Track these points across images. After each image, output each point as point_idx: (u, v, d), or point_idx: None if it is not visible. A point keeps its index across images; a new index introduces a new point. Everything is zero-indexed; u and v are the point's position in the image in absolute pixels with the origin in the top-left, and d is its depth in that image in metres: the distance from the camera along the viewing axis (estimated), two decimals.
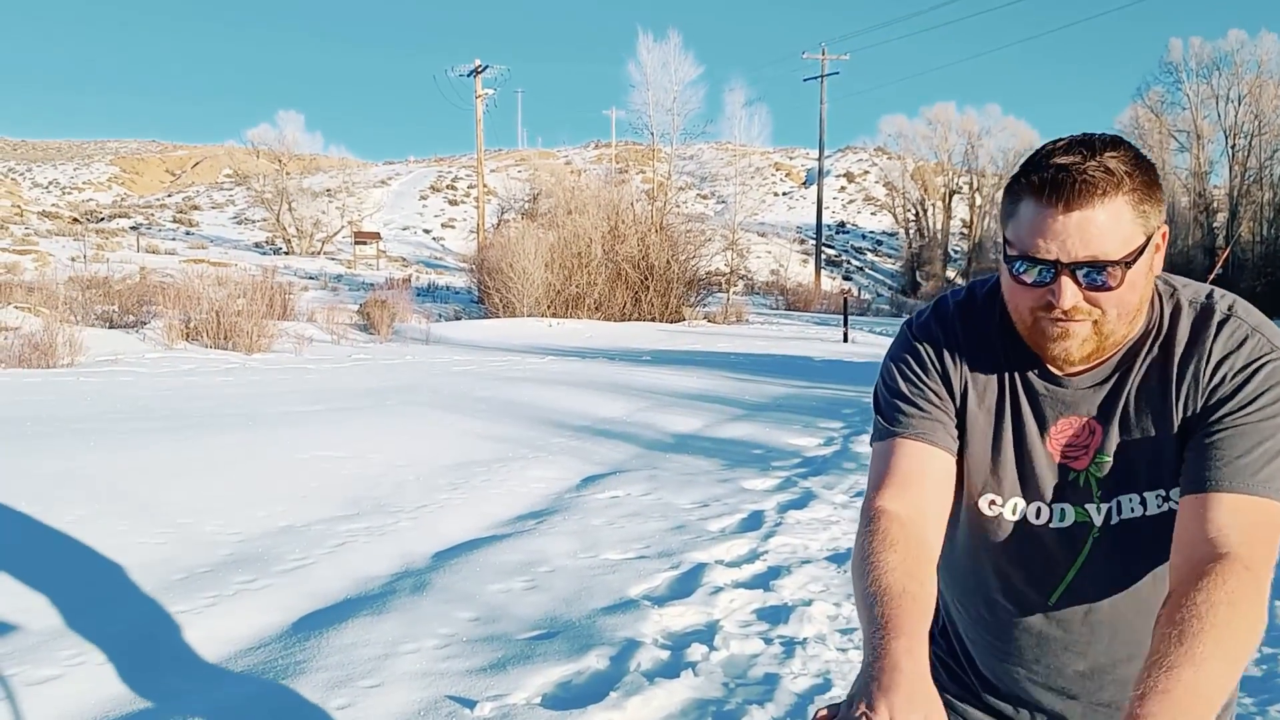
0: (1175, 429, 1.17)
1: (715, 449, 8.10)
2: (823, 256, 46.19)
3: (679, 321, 27.88)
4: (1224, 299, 1.20)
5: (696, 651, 3.59)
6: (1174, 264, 38.21)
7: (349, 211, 44.65)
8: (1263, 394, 1.12)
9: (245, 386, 11.30)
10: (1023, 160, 1.16)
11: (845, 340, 22.18)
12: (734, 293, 35.47)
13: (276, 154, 42.74)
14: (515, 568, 4.57)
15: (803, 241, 53.44)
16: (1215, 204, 41.87)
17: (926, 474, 1.22)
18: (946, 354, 1.25)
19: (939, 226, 51.57)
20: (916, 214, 52.03)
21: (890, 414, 1.26)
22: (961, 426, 1.25)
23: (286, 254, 40.53)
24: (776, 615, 4.05)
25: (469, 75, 38.68)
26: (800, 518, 5.68)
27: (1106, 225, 1.07)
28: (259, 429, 7.93)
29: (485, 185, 41.01)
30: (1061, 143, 1.11)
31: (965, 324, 1.26)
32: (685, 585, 4.41)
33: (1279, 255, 38.89)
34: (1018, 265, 1.12)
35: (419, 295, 29.99)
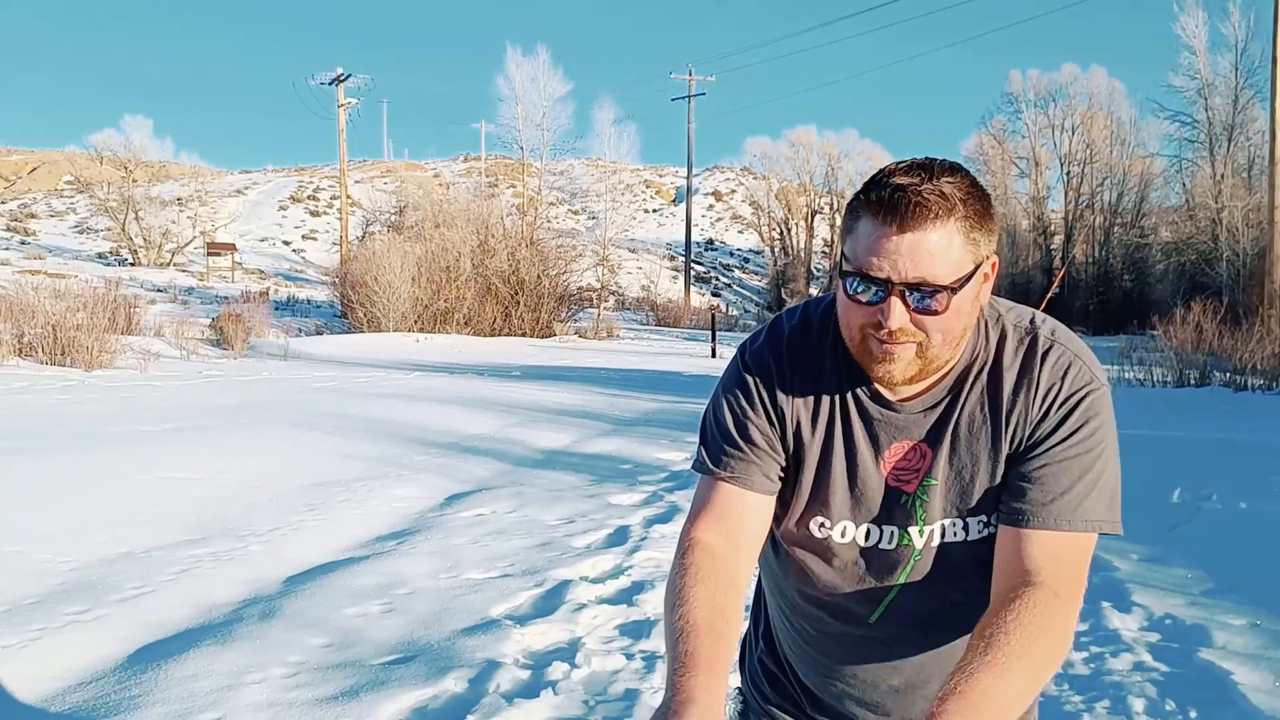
0: (1002, 458, 1.20)
1: (583, 464, 8.07)
2: (692, 273, 46.90)
3: (550, 337, 27.78)
4: (1046, 324, 1.24)
5: (558, 670, 3.55)
6: (1014, 283, 40.48)
7: (202, 221, 42.68)
8: (1081, 427, 1.17)
9: (84, 405, 10.61)
10: (866, 179, 1.18)
11: (713, 355, 22.55)
12: (605, 308, 35.60)
13: (122, 160, 40.46)
14: (372, 590, 4.42)
15: (673, 258, 54.15)
16: (1052, 227, 44.58)
17: (743, 512, 1.23)
18: (777, 384, 1.25)
19: (802, 245, 53.11)
20: (781, 233, 53.46)
21: (714, 452, 1.26)
22: (796, 453, 1.25)
23: (133, 265, 38.41)
24: (639, 630, 4.04)
25: (331, 84, 37.65)
26: (666, 531, 5.71)
27: (938, 248, 1.09)
28: (97, 450, 7.45)
29: (349, 197, 39.95)
30: (903, 164, 1.14)
31: (801, 351, 1.26)
32: (549, 603, 4.36)
33: (1109, 276, 41.70)
34: (851, 282, 1.14)
35: (278, 309, 28.91)
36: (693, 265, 47.84)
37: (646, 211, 67.09)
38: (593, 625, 4.10)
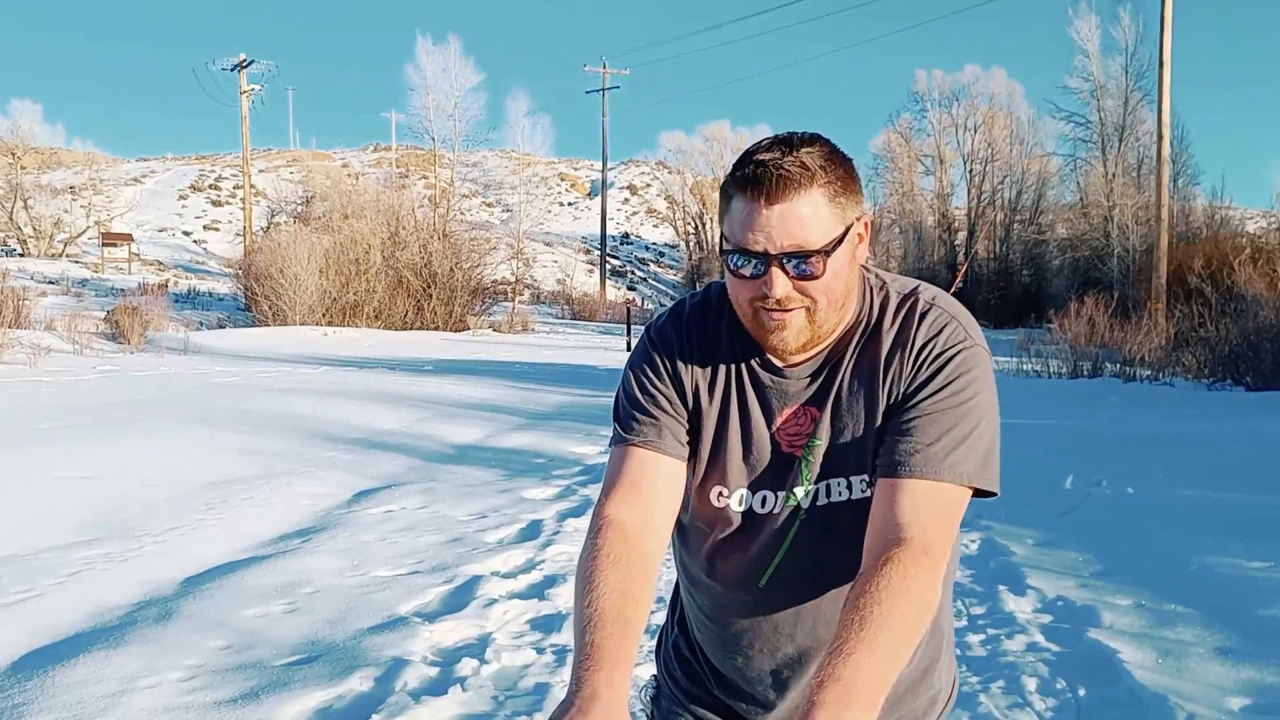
0: (879, 416, 1.24)
1: (496, 459, 8.01)
2: (608, 267, 46.92)
3: (463, 330, 27.46)
4: (928, 291, 1.30)
5: (467, 666, 3.51)
6: (921, 278, 41.73)
7: (96, 210, 40.92)
8: (952, 381, 1.22)
9: None
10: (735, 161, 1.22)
11: (629, 349, 22.63)
12: (520, 302, 35.36)
13: (9, 146, 38.53)
14: (275, 590, 4.31)
15: (588, 252, 54.07)
16: (956, 224, 45.91)
17: (656, 480, 1.25)
18: (680, 358, 1.29)
19: (717, 239, 53.63)
20: (696, 227, 53.86)
21: (625, 421, 1.29)
22: (695, 425, 1.29)
23: (21, 255, 36.64)
24: (551, 624, 4.03)
25: (233, 70, 36.47)
26: (579, 525, 5.70)
27: (806, 216, 1.14)
28: None
29: (253, 186, 38.81)
30: (765, 141, 1.19)
31: (699, 325, 1.31)
32: (459, 599, 4.32)
33: (1009, 271, 43.15)
34: (733, 259, 1.18)
35: (177, 302, 27.95)
36: (608, 259, 47.87)
37: (561, 205, 66.83)
38: (503, 620, 4.08)
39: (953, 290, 17.41)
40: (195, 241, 49.14)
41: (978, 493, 1.21)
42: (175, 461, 7.15)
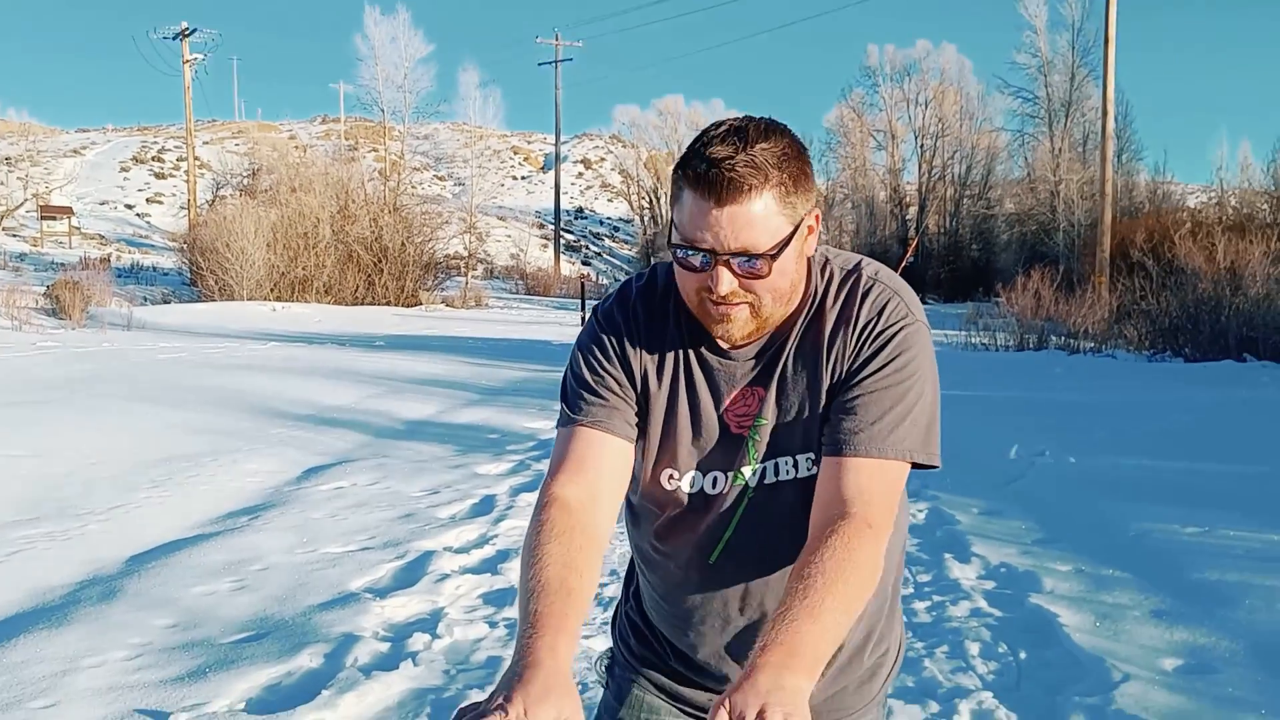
0: (823, 394, 1.26)
1: (449, 435, 7.97)
2: (562, 242, 46.69)
3: (416, 306, 27.18)
4: (870, 266, 1.31)
5: (418, 641, 3.51)
6: (873, 252, 41.80)
7: (34, 183, 39.78)
8: (895, 358, 1.23)
9: None
10: (690, 141, 1.20)
11: (583, 324, 22.50)
12: (473, 277, 35.09)
13: None
14: (222, 568, 4.26)
15: (542, 226, 53.75)
16: (908, 199, 46.35)
17: (603, 460, 1.26)
18: (628, 340, 1.30)
19: (672, 214, 53.62)
20: (650, 201, 53.72)
21: (573, 401, 1.29)
22: (643, 408, 1.30)
23: None
24: (503, 598, 4.04)
25: (175, 39, 35.52)
26: (532, 500, 5.66)
27: (755, 219, 1.13)
28: None
29: (197, 158, 37.94)
30: (720, 130, 1.16)
31: (646, 308, 1.31)
32: (410, 575, 4.31)
33: (959, 246, 43.69)
34: (681, 252, 1.18)
35: (120, 276, 27.32)
36: (562, 234, 47.62)
37: (515, 178, 66.27)
38: (456, 595, 4.08)
39: (903, 264, 17.64)
40: (138, 215, 47.98)
41: (920, 465, 1.24)
42: (119, 439, 7.02)
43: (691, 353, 1.28)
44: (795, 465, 1.27)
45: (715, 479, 1.29)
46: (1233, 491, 5.83)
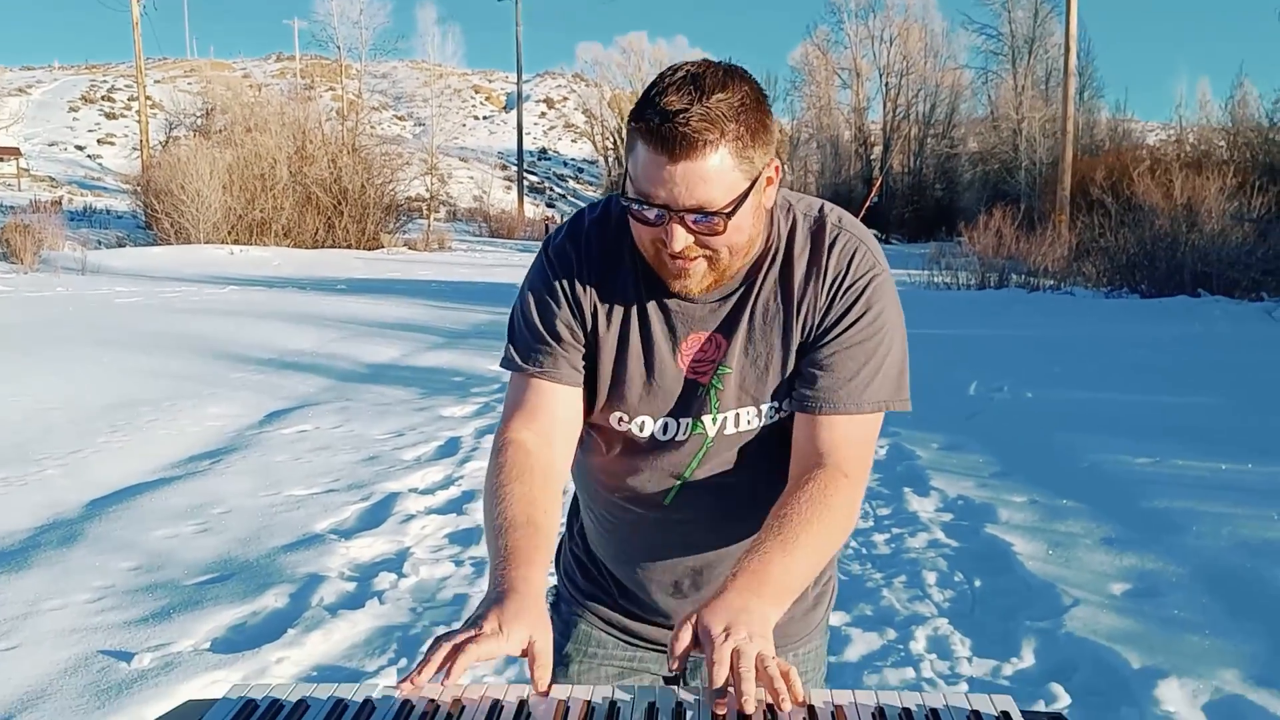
0: (794, 345, 1.25)
1: (413, 378, 7.94)
2: (526, 184, 46.14)
3: (378, 249, 26.83)
4: (833, 213, 1.29)
5: (384, 580, 3.53)
6: (837, 193, 41.94)
7: None
8: (866, 313, 1.23)
9: None
10: (645, 88, 1.15)
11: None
12: (436, 219, 34.64)
13: None
14: (185, 511, 4.24)
15: (505, 167, 53.05)
16: (872, 138, 46.25)
17: (554, 406, 1.26)
18: (579, 278, 1.26)
19: (626, 164, 53.08)
20: (615, 142, 53.13)
21: (522, 349, 1.27)
22: (594, 348, 1.27)
23: None
24: (469, 538, 4.07)
25: None
26: None
27: (710, 175, 1.09)
28: None
29: (149, 98, 36.86)
30: (676, 77, 1.11)
31: (600, 244, 1.26)
32: (376, 516, 4.31)
33: (923, 185, 43.81)
34: (635, 205, 1.14)
35: (73, 220, 26.69)
36: (526, 175, 47.03)
37: (476, 118, 65.17)
38: (421, 535, 4.09)
39: (867, 204, 17.63)
40: (90, 156, 46.71)
41: (894, 410, 1.26)
42: (77, 384, 6.91)
43: (647, 292, 1.25)
44: (759, 414, 1.26)
45: (667, 425, 1.27)
46: (1185, 423, 5.98)
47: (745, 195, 1.13)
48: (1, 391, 6.51)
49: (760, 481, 1.28)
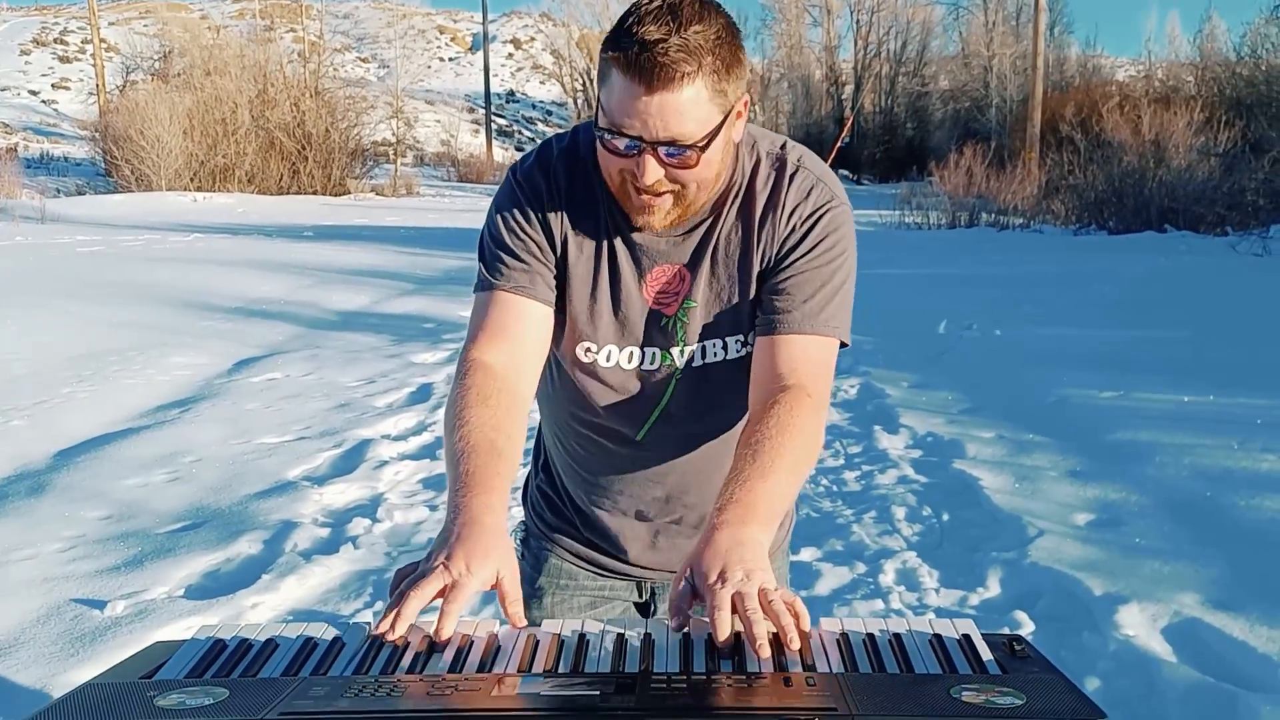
0: (755, 277, 1.25)
1: (383, 325, 7.88)
2: (494, 127, 45.45)
3: (344, 195, 26.41)
4: (794, 151, 1.29)
5: (359, 526, 3.54)
6: (809, 133, 41.63)
7: None
8: (823, 240, 1.24)
9: None
10: (620, 16, 1.13)
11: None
12: (403, 164, 34.08)
13: None
14: (155, 460, 4.21)
15: (472, 110, 52.19)
16: (843, 77, 45.81)
17: (524, 326, 1.24)
18: (548, 203, 1.25)
19: (598, 94, 52.33)
20: (584, 84, 52.29)
21: (492, 265, 1.25)
22: (562, 276, 1.26)
23: None
24: (443, 483, 4.00)
25: None
26: None
27: (686, 108, 1.09)
28: None
29: (103, 40, 35.78)
30: (653, 7, 1.09)
31: (568, 173, 1.25)
32: (349, 462, 4.31)
33: (894, 125, 43.55)
34: (607, 135, 1.13)
35: (30, 167, 25.99)
36: (494, 118, 46.34)
37: (442, 60, 63.87)
38: (395, 481, 4.10)
39: (838, 144, 17.53)
40: (44, 102, 45.42)
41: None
42: (37, 335, 6.81)
43: (614, 224, 1.25)
44: (725, 347, 1.28)
45: (632, 354, 1.28)
46: (1150, 357, 6.07)
47: (718, 130, 1.12)
48: None
49: (730, 415, 1.31)
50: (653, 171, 1.12)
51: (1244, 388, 5.18)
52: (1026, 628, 2.74)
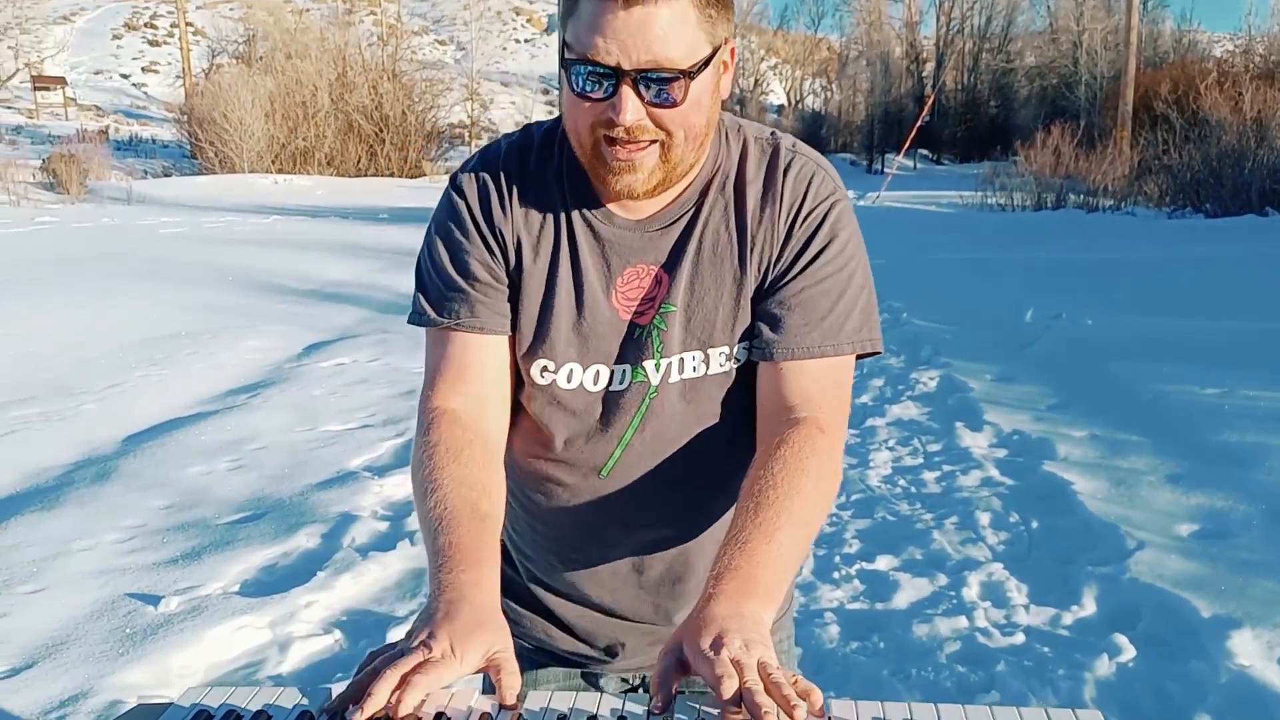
0: (748, 282, 1.07)
1: None
2: None
3: (420, 177, 26.67)
4: (786, 139, 1.11)
5: (416, 520, 3.45)
6: (887, 111, 40.63)
7: (25, 52, 38.71)
8: (830, 242, 1.06)
9: None
10: None
11: None
12: (478, 146, 34.31)
13: None
14: (220, 447, 4.20)
15: (547, 92, 52.30)
16: (924, 54, 44.62)
17: (483, 363, 1.07)
18: (495, 207, 1.07)
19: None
20: None
21: (436, 300, 1.07)
22: (517, 287, 1.08)
23: None
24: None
25: None
26: None
27: (670, 26, 0.92)
28: None
29: (190, 24, 36.72)
30: None
31: (518, 165, 1.08)
32: (410, 453, 4.23)
33: (977, 103, 42.29)
34: (577, 74, 0.95)
35: (119, 149, 26.86)
36: None
37: (518, 42, 64.11)
38: None
39: (918, 123, 17.03)
40: (134, 85, 46.90)
41: (864, 354, 1.08)
42: (114, 316, 6.93)
43: (577, 217, 1.06)
44: (706, 361, 1.08)
45: (599, 373, 1.08)
46: (1254, 351, 5.68)
47: (707, 61, 0.95)
48: (40, 324, 6.53)
49: (711, 445, 1.10)
50: (632, 108, 0.94)
51: None
52: (1127, 653, 2.52)
